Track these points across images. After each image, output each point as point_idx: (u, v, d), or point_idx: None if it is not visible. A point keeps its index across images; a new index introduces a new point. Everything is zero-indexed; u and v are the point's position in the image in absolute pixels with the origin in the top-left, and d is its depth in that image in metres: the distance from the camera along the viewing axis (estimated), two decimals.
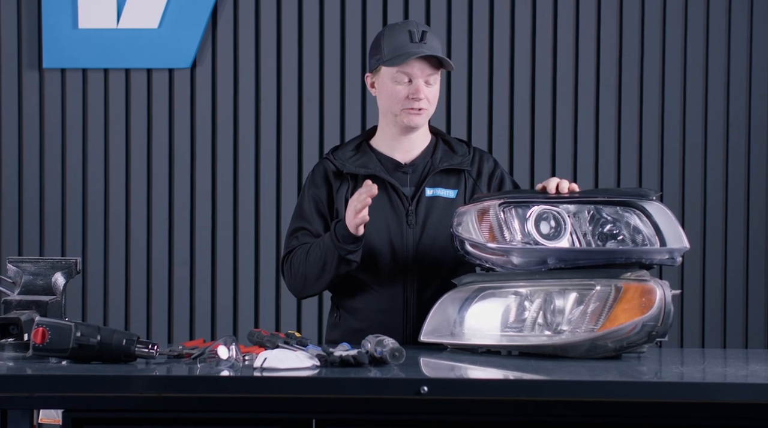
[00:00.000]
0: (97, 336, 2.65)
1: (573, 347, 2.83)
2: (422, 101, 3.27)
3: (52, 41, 5.08)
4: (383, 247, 3.28)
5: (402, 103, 3.28)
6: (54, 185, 5.12)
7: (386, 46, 3.29)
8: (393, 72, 3.28)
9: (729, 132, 5.10)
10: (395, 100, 3.29)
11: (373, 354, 2.65)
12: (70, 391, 2.49)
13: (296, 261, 3.28)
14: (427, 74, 3.27)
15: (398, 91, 3.28)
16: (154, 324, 5.11)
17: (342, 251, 3.18)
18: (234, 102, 5.13)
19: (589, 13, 5.10)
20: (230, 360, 2.62)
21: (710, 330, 5.11)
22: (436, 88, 3.31)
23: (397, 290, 3.28)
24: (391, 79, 3.29)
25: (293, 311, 5.11)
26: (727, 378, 2.67)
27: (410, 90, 3.27)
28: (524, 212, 2.97)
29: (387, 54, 3.28)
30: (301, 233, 3.33)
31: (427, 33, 3.28)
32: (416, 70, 3.27)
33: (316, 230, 3.32)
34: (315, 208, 3.34)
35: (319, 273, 3.24)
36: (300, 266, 3.27)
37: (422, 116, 3.30)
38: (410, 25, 3.30)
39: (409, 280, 3.28)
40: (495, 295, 3.00)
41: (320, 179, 3.36)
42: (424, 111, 3.29)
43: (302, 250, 3.28)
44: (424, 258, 3.29)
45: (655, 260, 2.95)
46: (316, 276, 3.25)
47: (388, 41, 3.30)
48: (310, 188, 3.36)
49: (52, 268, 3.00)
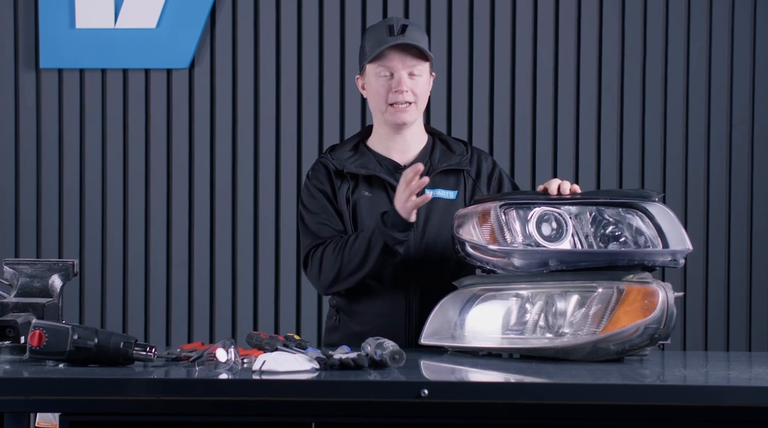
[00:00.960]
0: (95, 338, 2.65)
1: (575, 350, 2.83)
2: (406, 94, 3.25)
3: (49, 41, 5.08)
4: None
5: (386, 99, 3.26)
6: (51, 187, 5.12)
7: (368, 44, 3.29)
8: (375, 68, 3.28)
9: (732, 132, 5.10)
10: (379, 96, 3.28)
11: (372, 357, 2.65)
12: (67, 394, 2.49)
13: (330, 252, 3.21)
14: (409, 66, 3.26)
15: (381, 86, 3.27)
16: (152, 327, 5.11)
17: (390, 240, 3.12)
18: (233, 103, 5.13)
19: (591, 13, 5.10)
20: (229, 362, 2.62)
21: (713, 332, 5.11)
22: (423, 81, 3.29)
23: (398, 293, 3.27)
24: (374, 75, 3.28)
25: (292, 314, 5.11)
26: (731, 381, 2.66)
27: (392, 83, 3.26)
28: (525, 213, 2.97)
29: (368, 52, 3.28)
30: (322, 229, 3.27)
31: (408, 27, 3.27)
32: (396, 62, 3.25)
33: (335, 223, 3.28)
34: (327, 202, 3.30)
35: (358, 265, 3.18)
36: (336, 257, 3.20)
37: (409, 112, 3.28)
38: (390, 21, 3.29)
39: (411, 283, 3.27)
40: (496, 297, 3.00)
41: (323, 176, 3.34)
42: (411, 106, 3.27)
43: (338, 241, 3.22)
44: (425, 260, 3.28)
45: (658, 262, 2.95)
46: (354, 268, 3.19)
47: (369, 39, 3.30)
48: (315, 185, 3.33)
49: (49, 270, 3.00)
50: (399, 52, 3.25)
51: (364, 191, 3.30)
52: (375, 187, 3.30)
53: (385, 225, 3.12)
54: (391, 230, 3.12)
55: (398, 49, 3.25)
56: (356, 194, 3.30)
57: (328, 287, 3.27)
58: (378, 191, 3.30)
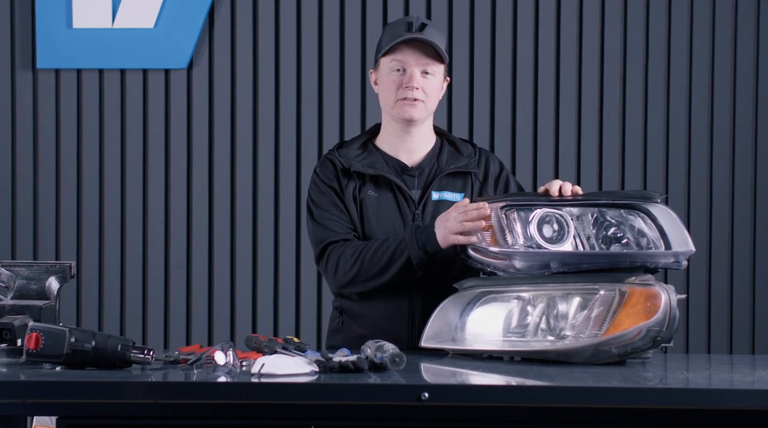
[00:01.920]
0: (92, 341, 2.65)
1: (576, 352, 2.82)
2: (416, 91, 3.25)
3: (46, 41, 5.08)
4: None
5: (396, 94, 3.26)
6: (48, 188, 5.12)
7: (384, 38, 3.30)
8: (388, 61, 3.28)
9: (735, 133, 5.11)
10: (390, 90, 3.27)
11: (372, 360, 2.65)
12: (65, 398, 2.49)
13: (349, 254, 3.20)
14: (422, 63, 3.25)
15: (392, 81, 3.26)
16: (150, 329, 5.11)
17: (417, 258, 3.11)
18: (231, 103, 5.13)
19: (593, 13, 5.10)
20: (227, 365, 2.62)
21: (716, 335, 5.11)
22: (436, 81, 3.28)
23: (402, 296, 3.26)
24: (387, 69, 3.28)
25: (291, 316, 5.11)
26: (734, 384, 2.66)
27: (404, 79, 3.26)
28: (527, 215, 2.97)
29: (384, 45, 3.28)
30: (335, 225, 3.25)
31: (427, 26, 3.27)
32: (409, 58, 3.25)
33: (346, 219, 3.27)
34: (336, 197, 3.29)
35: (378, 272, 3.17)
36: (355, 260, 3.19)
37: (417, 108, 3.27)
38: (411, 18, 3.29)
39: (414, 286, 3.25)
40: (497, 300, 3.00)
41: (330, 173, 3.32)
42: (419, 103, 3.26)
43: (359, 244, 3.20)
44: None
45: (660, 264, 2.95)
46: (374, 274, 3.18)
47: (387, 32, 3.31)
48: (324, 181, 3.32)
49: (46, 272, 3.00)
50: (414, 49, 3.25)
51: (370, 191, 3.30)
52: (381, 187, 3.30)
53: (416, 241, 3.11)
54: (420, 248, 3.11)
55: (414, 45, 3.25)
56: (363, 194, 3.30)
57: (343, 288, 3.27)
58: (384, 192, 3.30)
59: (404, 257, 3.13)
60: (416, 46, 3.25)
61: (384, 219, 3.26)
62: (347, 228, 3.27)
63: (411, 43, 3.24)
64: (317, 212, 3.31)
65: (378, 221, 3.24)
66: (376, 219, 3.25)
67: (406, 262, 3.13)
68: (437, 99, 3.32)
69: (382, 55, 3.28)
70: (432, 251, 3.10)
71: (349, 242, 3.23)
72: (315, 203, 3.32)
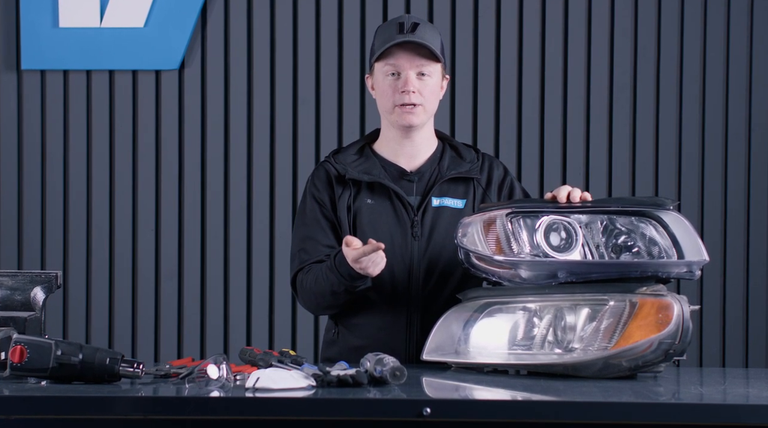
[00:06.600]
0: (79, 354, 2.66)
1: (585, 366, 2.83)
2: (413, 95, 3.25)
3: (31, 41, 5.08)
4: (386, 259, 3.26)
5: (393, 99, 3.27)
6: (33, 194, 5.12)
7: (376, 41, 3.31)
8: (382, 66, 3.29)
9: (751, 137, 5.11)
10: (386, 95, 3.28)
11: (372, 374, 2.65)
12: (51, 413, 2.49)
13: (307, 284, 3.28)
14: (417, 65, 3.26)
15: (388, 86, 3.27)
16: (140, 342, 5.11)
17: (349, 287, 3.18)
18: (225, 106, 5.14)
19: (603, 13, 5.11)
20: (221, 379, 2.62)
21: (731, 347, 5.11)
22: (433, 82, 3.29)
23: (400, 305, 3.27)
24: (381, 74, 3.29)
25: (287, 328, 5.12)
26: (750, 399, 2.67)
27: (399, 83, 3.26)
28: (533, 222, 2.98)
29: (376, 49, 3.29)
30: (309, 245, 3.31)
31: (419, 25, 3.28)
32: (403, 61, 3.26)
33: (324, 238, 3.30)
34: (320, 213, 3.32)
35: (331, 300, 3.25)
36: (311, 290, 3.26)
37: (416, 114, 3.28)
38: (402, 18, 3.30)
39: (413, 295, 3.27)
40: (502, 311, 3.00)
41: (322, 182, 3.34)
42: (418, 108, 3.27)
43: (312, 273, 3.26)
44: (429, 272, 3.28)
45: (673, 274, 2.95)
46: (329, 303, 3.26)
47: (379, 36, 3.32)
48: (312, 192, 3.35)
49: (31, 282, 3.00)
50: (407, 51, 3.26)
51: (366, 199, 3.30)
52: (378, 194, 3.31)
53: (341, 276, 3.16)
54: (347, 280, 3.16)
55: (406, 47, 3.25)
56: (358, 202, 3.30)
57: (315, 313, 3.46)
58: (381, 199, 3.30)
59: (342, 286, 3.18)
60: (409, 47, 3.25)
61: (380, 228, 3.27)
62: (325, 247, 3.29)
63: (404, 45, 3.25)
64: (297, 228, 3.37)
65: (374, 230, 3.24)
66: (372, 228, 3.26)
67: (345, 290, 3.18)
68: (437, 100, 3.33)
69: (376, 59, 3.29)
70: (356, 277, 3.13)
71: (308, 271, 3.28)
72: (300, 214, 3.39)
